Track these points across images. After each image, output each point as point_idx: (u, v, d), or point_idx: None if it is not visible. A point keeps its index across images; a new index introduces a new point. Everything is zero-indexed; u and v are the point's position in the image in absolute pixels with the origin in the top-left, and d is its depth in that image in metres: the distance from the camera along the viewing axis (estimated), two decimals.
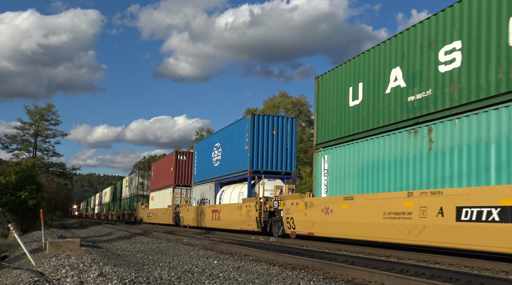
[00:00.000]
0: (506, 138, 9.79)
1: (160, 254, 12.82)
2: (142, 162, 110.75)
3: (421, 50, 12.45)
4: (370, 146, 14.02)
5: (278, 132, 23.12)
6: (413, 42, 12.71)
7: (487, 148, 10.21)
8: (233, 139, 24.94)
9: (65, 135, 58.22)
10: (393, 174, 12.92)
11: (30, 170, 30.41)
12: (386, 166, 13.26)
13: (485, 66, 10.55)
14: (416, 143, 12.23)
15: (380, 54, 14.02)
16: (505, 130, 9.85)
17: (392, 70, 13.41)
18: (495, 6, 10.37)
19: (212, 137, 29.16)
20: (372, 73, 14.35)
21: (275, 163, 22.95)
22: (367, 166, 14.08)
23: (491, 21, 10.49)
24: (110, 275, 7.63)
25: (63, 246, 12.48)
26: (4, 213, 25.69)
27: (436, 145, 11.58)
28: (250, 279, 7.80)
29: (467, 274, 7.44)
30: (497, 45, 10.30)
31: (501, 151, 9.92)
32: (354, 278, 7.98)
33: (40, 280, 7.52)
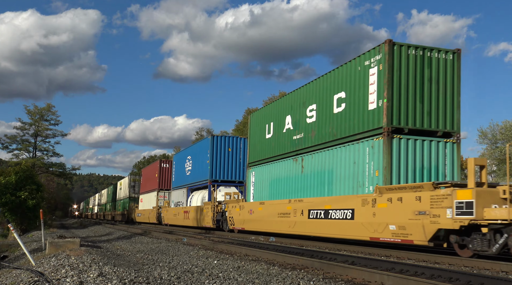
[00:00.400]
0: (330, 169, 16.05)
1: (160, 254, 12.81)
2: (142, 162, 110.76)
3: (299, 106, 18.54)
4: (275, 167, 20.16)
5: (233, 149, 29.10)
6: (297, 100, 18.85)
7: (324, 173, 16.40)
8: (199, 154, 30.69)
9: (65, 135, 58.29)
10: (286, 185, 19.08)
11: (30, 170, 30.40)
12: (282, 180, 19.40)
13: (325, 124, 16.66)
14: (296, 166, 18.35)
15: (281, 105, 20.22)
16: (329, 163, 16.15)
17: (286, 116, 19.57)
18: (328, 86, 16.62)
19: (186, 151, 34.99)
20: (277, 116, 20.47)
21: (230, 173, 28.86)
22: (274, 180, 20.19)
23: (327, 95, 16.66)
24: (110, 275, 7.63)
25: (63, 246, 12.47)
26: (4, 213, 25.67)
27: (305, 169, 17.71)
28: (250, 279, 7.80)
29: (467, 274, 7.44)
30: (330, 111, 16.41)
31: (329, 176, 16.14)
32: (354, 278, 7.98)
33: (40, 280, 7.52)
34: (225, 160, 28.75)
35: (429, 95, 14.18)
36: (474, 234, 10.62)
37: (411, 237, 11.68)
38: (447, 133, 14.18)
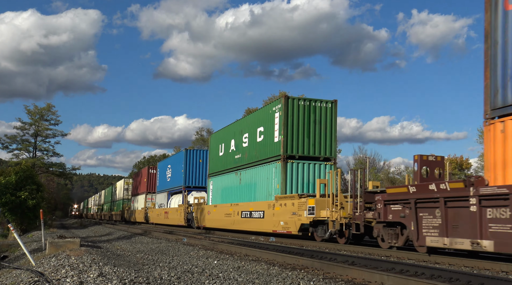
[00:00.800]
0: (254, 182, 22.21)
1: (160, 254, 12.82)
2: (142, 162, 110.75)
3: (239, 134, 24.76)
4: (224, 178, 26.58)
5: (203, 161, 34.86)
6: (237, 129, 25.17)
7: (251, 185, 22.47)
8: (177, 164, 36.56)
9: (65, 135, 58.15)
10: (231, 193, 25.34)
11: (30, 170, 30.39)
12: (229, 189, 25.71)
13: (253, 148, 22.73)
14: (236, 179, 24.63)
15: (229, 131, 26.61)
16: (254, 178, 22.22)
17: (231, 140, 25.80)
18: (255, 121, 22.76)
19: (167, 160, 41.46)
20: (226, 140, 26.80)
21: (200, 180, 34.46)
22: (223, 188, 26.62)
23: (254, 128, 22.73)
24: (110, 275, 7.63)
25: (63, 246, 12.47)
26: (4, 213, 25.67)
27: (242, 181, 23.93)
28: (250, 279, 7.80)
29: (467, 274, 7.44)
30: (255, 139, 22.45)
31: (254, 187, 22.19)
32: (354, 278, 7.98)
33: (40, 280, 7.52)
34: (196, 169, 34.58)
35: (314, 132, 20.15)
36: (318, 226, 16.82)
37: (290, 229, 18.11)
38: (327, 158, 20.29)
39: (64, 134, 57.96)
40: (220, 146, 27.57)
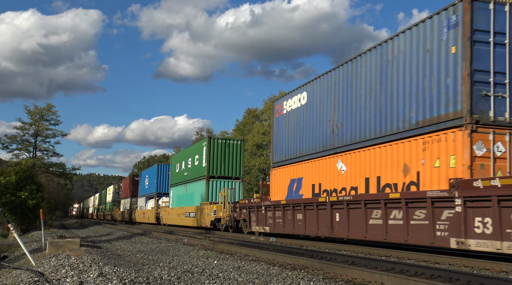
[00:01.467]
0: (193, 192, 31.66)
1: (160, 254, 12.82)
2: (142, 162, 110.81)
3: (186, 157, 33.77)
4: (178, 188, 35.32)
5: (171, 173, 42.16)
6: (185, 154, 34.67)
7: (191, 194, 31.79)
8: (152, 175, 44.65)
9: (65, 135, 58.16)
10: (182, 199, 33.94)
11: (30, 170, 30.37)
12: (181, 196, 34.23)
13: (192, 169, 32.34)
14: (185, 189, 33.12)
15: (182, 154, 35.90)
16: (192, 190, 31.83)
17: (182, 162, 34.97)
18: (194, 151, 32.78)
19: (145, 171, 49.00)
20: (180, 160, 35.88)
21: (168, 188, 40.64)
22: (178, 196, 35.24)
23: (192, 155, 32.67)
24: (110, 275, 7.63)
25: (63, 246, 12.47)
26: (4, 213, 25.64)
27: (187, 191, 32.69)
28: (250, 279, 7.80)
29: (467, 274, 7.44)
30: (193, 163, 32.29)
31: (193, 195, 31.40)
32: (354, 278, 7.98)
33: (40, 280, 7.52)
34: (166, 179, 42.23)
35: (229, 160, 29.57)
36: (219, 222, 26.00)
37: (206, 224, 26.90)
38: (236, 177, 29.64)
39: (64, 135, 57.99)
40: (176, 165, 36.95)
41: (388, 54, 14.09)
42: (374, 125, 14.55)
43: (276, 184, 20.78)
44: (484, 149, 11.26)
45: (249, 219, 21.67)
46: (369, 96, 14.90)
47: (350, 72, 15.96)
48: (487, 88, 11.44)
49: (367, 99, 14.98)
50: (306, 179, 18.33)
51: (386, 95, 14.11)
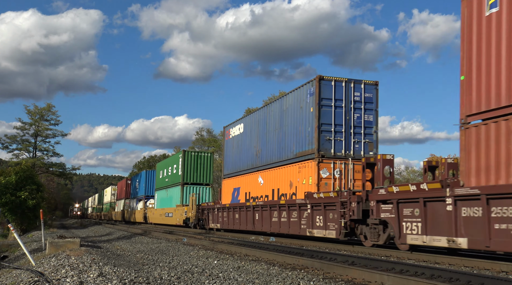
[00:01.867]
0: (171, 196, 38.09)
1: (160, 254, 12.82)
2: (142, 162, 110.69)
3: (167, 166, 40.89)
4: (161, 192, 41.75)
5: None
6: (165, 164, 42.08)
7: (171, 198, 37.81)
8: (141, 179, 50.13)
9: (65, 135, 58.11)
10: (163, 201, 40.54)
11: (30, 170, 30.37)
12: (164, 199, 40.44)
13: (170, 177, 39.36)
14: (166, 193, 39.62)
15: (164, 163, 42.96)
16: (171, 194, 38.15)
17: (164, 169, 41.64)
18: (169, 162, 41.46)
19: (136, 176, 55.74)
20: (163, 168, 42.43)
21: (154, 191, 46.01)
22: (161, 198, 41.43)
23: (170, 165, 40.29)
24: (110, 275, 7.62)
25: (63, 246, 12.47)
26: (4, 213, 25.65)
27: (168, 195, 39.23)
28: (250, 279, 7.80)
29: (467, 274, 7.44)
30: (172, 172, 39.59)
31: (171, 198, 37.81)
32: (354, 278, 7.98)
33: (40, 280, 7.52)
34: (152, 184, 47.01)
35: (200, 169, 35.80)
36: (189, 221, 31.17)
37: (180, 223, 32.16)
38: (207, 184, 36.01)
39: (64, 135, 57.93)
40: (160, 172, 43.13)
41: (283, 105, 20.99)
42: (277, 153, 21.31)
43: (225, 191, 27.97)
44: (327, 173, 17.76)
45: (207, 218, 28.20)
46: (274, 132, 21.78)
47: (266, 114, 22.76)
48: (330, 134, 18.17)
49: (274, 135, 21.76)
50: (242, 188, 25.23)
51: (283, 133, 20.88)
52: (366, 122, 18.45)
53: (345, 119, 18.22)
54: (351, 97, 18.32)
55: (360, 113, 18.37)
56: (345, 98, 18.27)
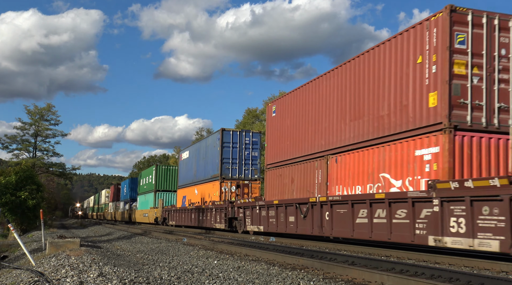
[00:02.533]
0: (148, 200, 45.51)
1: (160, 254, 12.82)
2: (142, 162, 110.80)
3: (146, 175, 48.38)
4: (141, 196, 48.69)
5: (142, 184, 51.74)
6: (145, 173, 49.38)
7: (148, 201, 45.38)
8: (127, 185, 57.40)
9: (65, 135, 58.14)
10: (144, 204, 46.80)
11: (30, 170, 30.36)
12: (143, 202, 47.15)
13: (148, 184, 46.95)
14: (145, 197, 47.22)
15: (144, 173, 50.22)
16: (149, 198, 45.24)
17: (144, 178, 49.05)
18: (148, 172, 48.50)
19: (124, 182, 63.73)
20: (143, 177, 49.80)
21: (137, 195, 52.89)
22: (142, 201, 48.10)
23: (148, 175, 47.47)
24: (110, 275, 7.62)
25: (63, 246, 12.47)
26: (4, 213, 25.63)
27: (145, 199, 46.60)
28: (250, 279, 7.80)
29: (467, 274, 7.44)
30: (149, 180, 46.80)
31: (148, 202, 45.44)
32: (354, 278, 7.98)
33: (40, 280, 7.52)
34: (136, 189, 53.54)
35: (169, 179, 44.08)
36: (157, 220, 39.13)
37: (151, 221, 40.68)
38: (174, 190, 41.47)
39: (64, 135, 57.97)
40: (141, 180, 50.49)
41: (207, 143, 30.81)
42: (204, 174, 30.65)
43: (179, 197, 37.05)
44: (227, 188, 26.85)
45: (168, 217, 36.01)
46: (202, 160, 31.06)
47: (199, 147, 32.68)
48: (228, 165, 27.35)
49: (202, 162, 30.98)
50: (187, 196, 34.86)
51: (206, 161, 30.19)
52: (253, 157, 28.00)
53: (239, 155, 27.85)
54: (243, 141, 27.84)
55: (249, 151, 27.75)
56: (239, 142, 27.96)
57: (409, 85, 12.89)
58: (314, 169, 17.32)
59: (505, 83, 12.01)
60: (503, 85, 12.00)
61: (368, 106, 14.65)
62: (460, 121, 11.65)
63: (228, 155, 27.75)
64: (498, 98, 11.99)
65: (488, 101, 11.92)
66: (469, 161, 11.65)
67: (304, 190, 18.02)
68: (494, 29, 11.99)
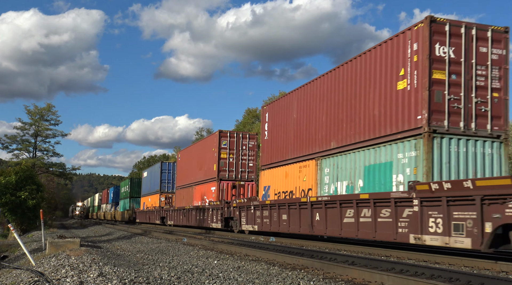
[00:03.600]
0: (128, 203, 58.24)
1: (160, 254, 12.81)
2: (142, 162, 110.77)
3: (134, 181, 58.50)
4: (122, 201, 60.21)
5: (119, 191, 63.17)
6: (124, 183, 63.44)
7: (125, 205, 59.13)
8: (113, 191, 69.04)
9: (65, 135, 58.21)
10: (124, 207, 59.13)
11: (30, 170, 30.34)
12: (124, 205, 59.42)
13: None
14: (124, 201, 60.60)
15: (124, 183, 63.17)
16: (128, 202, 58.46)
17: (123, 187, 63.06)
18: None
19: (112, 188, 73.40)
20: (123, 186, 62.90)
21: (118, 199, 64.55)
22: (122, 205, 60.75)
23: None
24: (110, 275, 7.62)
25: (63, 246, 12.47)
26: (4, 213, 25.62)
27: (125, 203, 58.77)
28: (250, 279, 7.80)
29: (467, 274, 7.44)
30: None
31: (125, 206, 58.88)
32: (354, 278, 7.98)
33: (40, 280, 7.52)
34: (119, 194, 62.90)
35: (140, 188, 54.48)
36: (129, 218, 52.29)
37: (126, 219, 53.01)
38: None
39: (64, 135, 58.06)
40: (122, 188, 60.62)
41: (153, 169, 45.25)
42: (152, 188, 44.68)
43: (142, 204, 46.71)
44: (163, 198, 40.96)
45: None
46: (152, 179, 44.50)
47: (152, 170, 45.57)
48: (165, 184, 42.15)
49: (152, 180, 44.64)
50: None
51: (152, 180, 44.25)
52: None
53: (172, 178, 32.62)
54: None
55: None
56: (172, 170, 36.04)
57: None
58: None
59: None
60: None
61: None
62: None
63: (165, 178, 42.32)
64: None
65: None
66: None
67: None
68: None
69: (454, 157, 12.25)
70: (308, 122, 17.93)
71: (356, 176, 14.79)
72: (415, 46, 12.58)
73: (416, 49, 12.60)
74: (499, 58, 12.83)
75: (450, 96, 12.31)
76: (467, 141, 12.45)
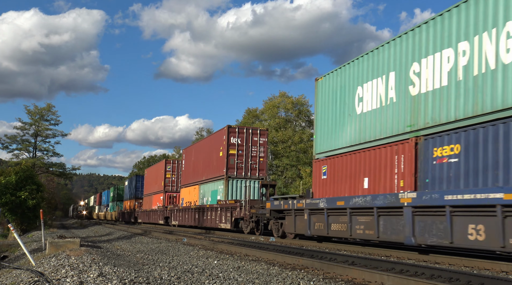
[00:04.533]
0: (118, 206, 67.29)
1: (160, 254, 12.82)
2: (142, 162, 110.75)
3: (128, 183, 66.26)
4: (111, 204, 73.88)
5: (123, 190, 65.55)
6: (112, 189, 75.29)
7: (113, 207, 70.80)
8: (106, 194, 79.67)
9: (65, 135, 58.28)
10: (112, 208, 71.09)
11: (30, 170, 30.35)
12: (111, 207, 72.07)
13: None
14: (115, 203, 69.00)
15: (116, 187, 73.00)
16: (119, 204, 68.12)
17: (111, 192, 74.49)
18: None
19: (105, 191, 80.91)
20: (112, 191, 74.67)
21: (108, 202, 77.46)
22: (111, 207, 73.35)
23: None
24: (110, 275, 7.62)
25: (63, 246, 12.47)
26: (4, 213, 25.63)
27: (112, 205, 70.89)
28: (250, 279, 7.80)
29: (467, 274, 7.44)
30: None
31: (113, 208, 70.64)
32: (354, 278, 7.98)
33: (40, 280, 7.52)
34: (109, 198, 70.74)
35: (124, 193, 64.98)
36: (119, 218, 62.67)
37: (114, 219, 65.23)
38: None
39: (64, 135, 58.16)
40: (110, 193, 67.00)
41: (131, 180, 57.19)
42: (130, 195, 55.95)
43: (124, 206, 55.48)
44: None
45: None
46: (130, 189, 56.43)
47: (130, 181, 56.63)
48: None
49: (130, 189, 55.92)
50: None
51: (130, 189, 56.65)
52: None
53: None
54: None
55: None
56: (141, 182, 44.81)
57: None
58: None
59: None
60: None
61: None
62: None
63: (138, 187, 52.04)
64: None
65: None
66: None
67: None
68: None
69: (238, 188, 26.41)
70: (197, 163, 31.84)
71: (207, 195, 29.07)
72: (224, 137, 26.65)
73: (224, 138, 26.41)
74: (263, 142, 26.97)
75: (237, 161, 26.43)
76: (245, 180, 26.22)
